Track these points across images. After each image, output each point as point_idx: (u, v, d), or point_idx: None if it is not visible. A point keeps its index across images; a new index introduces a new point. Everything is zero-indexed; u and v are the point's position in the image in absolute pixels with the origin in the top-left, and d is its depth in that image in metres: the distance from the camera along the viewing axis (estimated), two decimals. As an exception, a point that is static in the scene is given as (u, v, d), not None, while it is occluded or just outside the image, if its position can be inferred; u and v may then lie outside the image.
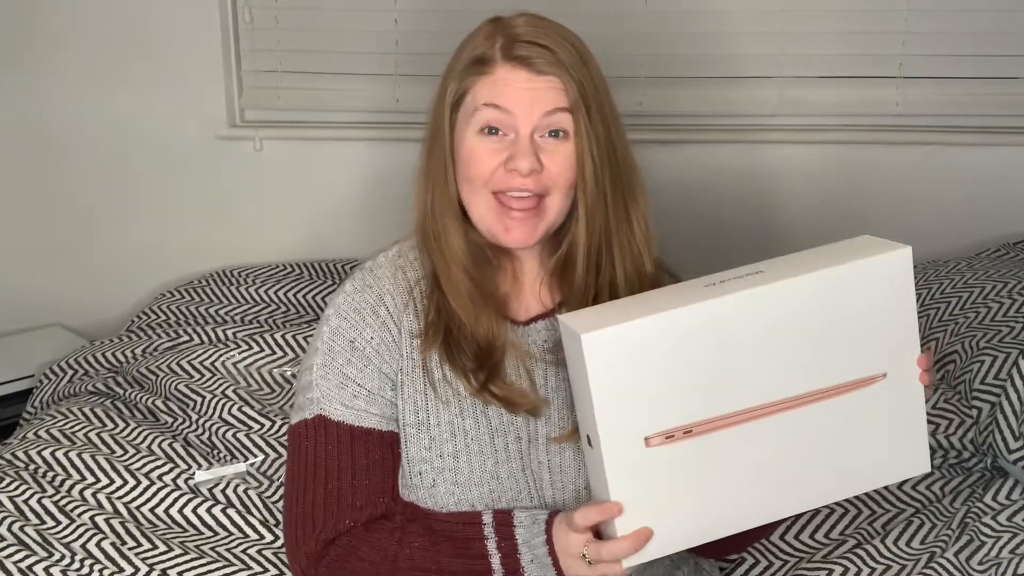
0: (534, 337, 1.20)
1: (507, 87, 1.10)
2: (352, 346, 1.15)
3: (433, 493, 1.14)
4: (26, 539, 1.35)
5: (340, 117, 2.23)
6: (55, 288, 2.31)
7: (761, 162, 2.17)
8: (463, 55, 1.15)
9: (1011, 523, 1.42)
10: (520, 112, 1.10)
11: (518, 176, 1.10)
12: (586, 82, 1.12)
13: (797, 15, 2.08)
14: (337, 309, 1.17)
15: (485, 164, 1.11)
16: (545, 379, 1.18)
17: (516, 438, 1.16)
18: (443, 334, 1.15)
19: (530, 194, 1.11)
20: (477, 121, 1.11)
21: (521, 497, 1.15)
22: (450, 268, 1.15)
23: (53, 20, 2.16)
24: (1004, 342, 1.66)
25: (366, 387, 1.15)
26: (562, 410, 1.18)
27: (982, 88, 2.11)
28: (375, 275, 1.19)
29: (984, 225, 2.15)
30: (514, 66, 1.10)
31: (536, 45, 1.10)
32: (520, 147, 1.10)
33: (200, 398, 1.71)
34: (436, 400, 1.15)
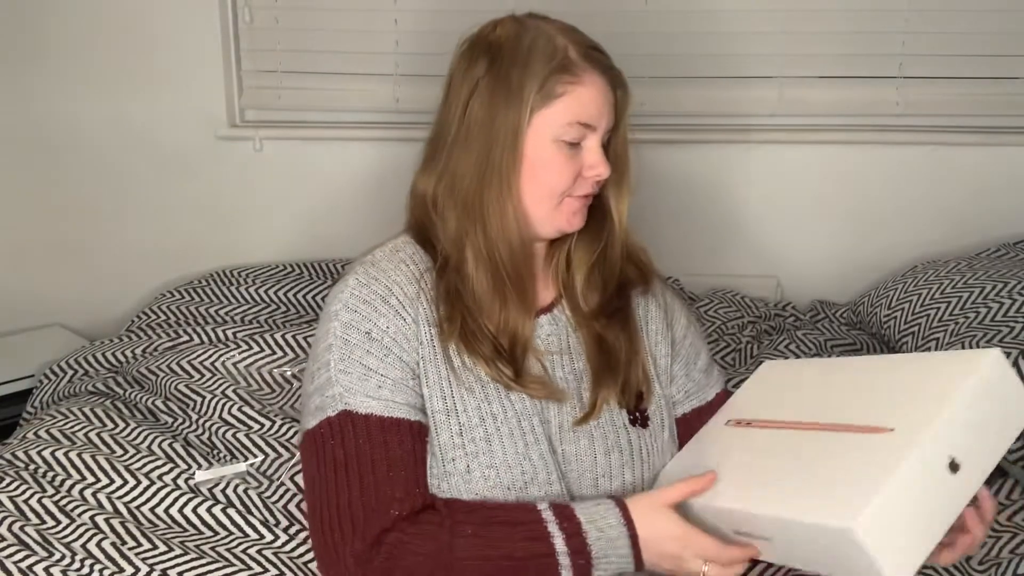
0: (539, 331, 1.22)
1: (594, 99, 1.15)
2: (369, 337, 1.13)
3: (468, 479, 1.11)
4: (26, 539, 1.35)
5: (340, 117, 2.23)
6: (55, 288, 2.32)
7: (761, 162, 2.17)
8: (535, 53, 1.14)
9: (1011, 523, 1.42)
10: (601, 126, 1.16)
11: (594, 181, 1.17)
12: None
13: (797, 15, 2.08)
14: (345, 304, 1.14)
15: (565, 174, 1.15)
16: (553, 371, 1.20)
17: (541, 420, 1.17)
18: (459, 327, 1.15)
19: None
20: (564, 132, 1.14)
21: (552, 479, 1.15)
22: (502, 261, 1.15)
23: (53, 20, 2.16)
24: (1004, 342, 1.66)
25: (389, 376, 1.12)
26: (572, 401, 1.20)
27: (982, 88, 2.11)
28: (379, 268, 1.18)
29: (984, 225, 2.15)
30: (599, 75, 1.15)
31: (604, 53, 1.18)
32: (600, 157, 1.16)
33: (200, 398, 1.71)
34: (460, 387, 1.14)
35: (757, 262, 2.21)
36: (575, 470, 1.17)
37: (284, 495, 1.48)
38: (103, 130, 2.22)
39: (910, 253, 2.16)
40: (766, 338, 1.98)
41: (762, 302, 2.15)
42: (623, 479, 1.19)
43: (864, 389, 1.08)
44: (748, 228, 2.20)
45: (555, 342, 1.22)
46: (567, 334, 1.23)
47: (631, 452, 1.20)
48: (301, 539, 1.40)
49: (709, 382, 1.31)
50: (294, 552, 1.38)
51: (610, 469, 1.18)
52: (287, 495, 1.48)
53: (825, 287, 2.22)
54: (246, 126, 2.24)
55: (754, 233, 2.20)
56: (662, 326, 1.28)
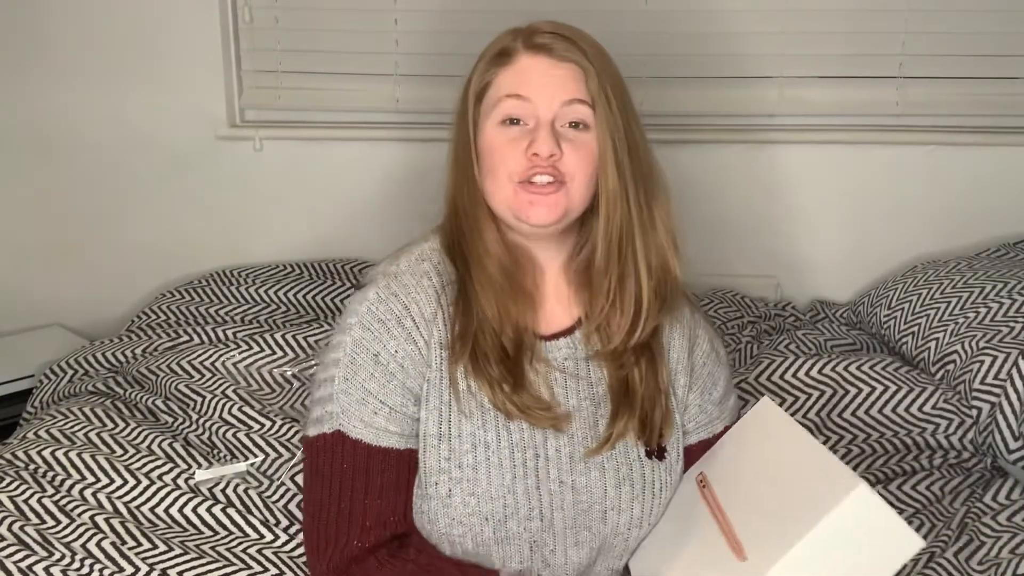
0: (555, 353, 1.19)
1: (528, 74, 1.12)
2: (376, 360, 1.13)
3: (448, 503, 1.13)
4: (26, 539, 1.35)
5: (340, 117, 2.23)
6: (55, 288, 2.31)
7: (761, 162, 2.17)
8: (487, 52, 1.17)
9: (1011, 523, 1.42)
10: (540, 100, 1.11)
11: (539, 161, 1.10)
12: (606, 74, 1.13)
13: (797, 15, 2.08)
14: (360, 319, 1.14)
15: (507, 153, 1.11)
16: (567, 396, 1.18)
17: (534, 455, 1.15)
18: (470, 345, 1.13)
19: (551, 180, 1.11)
20: (499, 112, 1.12)
21: (533, 515, 1.14)
22: (484, 262, 1.15)
23: (53, 20, 2.16)
24: (1004, 342, 1.66)
25: (387, 403, 1.14)
26: (585, 429, 1.17)
27: (982, 88, 2.11)
28: (400, 282, 1.16)
29: (984, 225, 2.15)
30: (535, 53, 1.12)
31: (557, 35, 1.13)
32: (540, 133, 1.10)
33: (200, 398, 1.71)
34: (459, 412, 1.14)
35: (757, 262, 2.21)
36: (584, 501, 1.16)
37: (284, 495, 1.48)
38: (103, 130, 2.22)
39: (910, 253, 2.16)
40: (766, 338, 1.98)
41: (762, 302, 2.15)
42: (631, 513, 1.18)
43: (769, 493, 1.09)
44: (748, 228, 2.20)
45: (571, 366, 1.19)
46: (587, 358, 1.20)
47: (643, 485, 1.18)
48: (301, 538, 1.40)
49: (721, 414, 1.27)
50: (294, 552, 1.38)
51: (619, 502, 1.17)
52: (287, 495, 1.48)
53: (825, 287, 2.22)
54: (246, 126, 2.24)
55: (754, 233, 2.20)
56: (683, 355, 1.24)
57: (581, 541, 1.17)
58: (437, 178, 1.25)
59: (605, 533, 1.17)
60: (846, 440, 1.62)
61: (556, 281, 1.21)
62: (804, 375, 1.68)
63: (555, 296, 1.21)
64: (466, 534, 1.13)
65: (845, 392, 1.65)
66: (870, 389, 1.65)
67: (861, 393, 1.65)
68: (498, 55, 1.15)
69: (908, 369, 1.71)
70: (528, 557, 1.16)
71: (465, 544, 1.14)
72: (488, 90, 1.15)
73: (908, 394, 1.64)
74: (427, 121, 2.17)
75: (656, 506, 1.19)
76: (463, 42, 2.16)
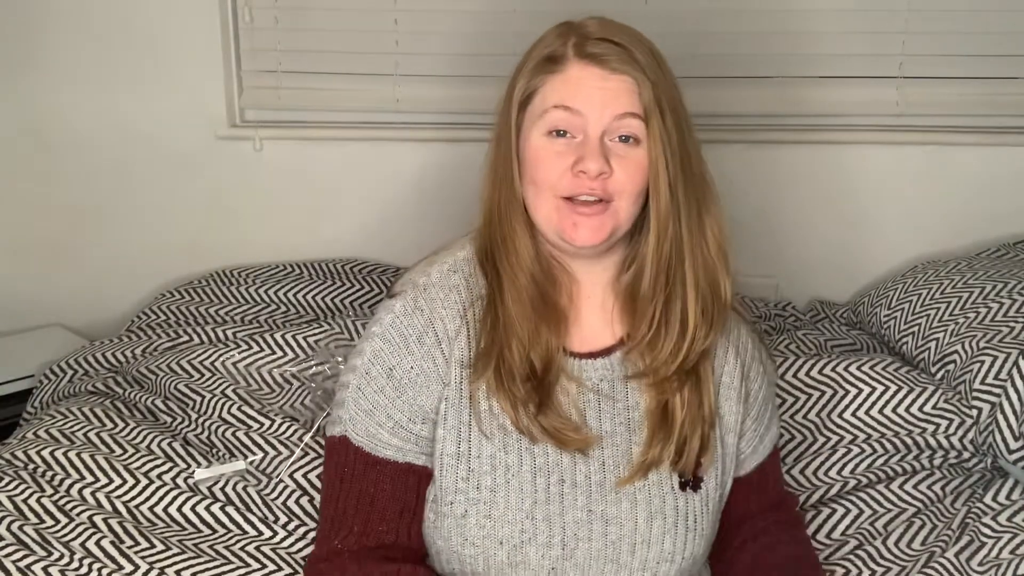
0: (589, 373, 1.14)
1: (579, 86, 1.06)
2: (389, 374, 1.13)
3: (462, 524, 1.11)
4: (25, 538, 1.35)
5: (340, 117, 2.23)
6: (55, 288, 2.31)
7: (761, 162, 2.17)
8: (533, 53, 1.11)
9: (1011, 523, 1.42)
10: (591, 113, 1.05)
11: (586, 179, 1.05)
12: (661, 84, 1.07)
13: (797, 15, 2.08)
14: (384, 330, 1.14)
15: (552, 167, 1.06)
16: (599, 419, 1.14)
17: (559, 480, 1.11)
18: (494, 362, 1.10)
19: (596, 199, 1.06)
20: (545, 123, 1.07)
21: (554, 543, 1.11)
22: (516, 273, 1.11)
23: (53, 20, 2.16)
24: (1004, 342, 1.66)
25: (394, 418, 1.13)
26: (617, 456, 1.13)
27: (982, 88, 2.10)
28: (428, 296, 1.14)
29: (984, 225, 2.14)
30: (587, 63, 1.06)
31: (610, 43, 1.07)
32: (589, 149, 1.05)
33: (200, 398, 1.71)
34: (480, 433, 1.11)
35: (757, 262, 2.21)
36: (614, 532, 1.12)
37: (283, 492, 1.48)
38: (103, 130, 2.22)
39: (910, 253, 2.16)
40: (766, 338, 1.98)
41: (762, 302, 2.15)
42: (662, 547, 1.14)
43: None
44: (748, 228, 2.20)
45: (607, 387, 1.14)
46: (625, 378, 1.15)
47: (676, 519, 1.14)
48: (300, 534, 1.41)
49: (770, 434, 1.26)
50: (293, 548, 1.39)
51: (650, 536, 1.13)
52: (286, 491, 1.48)
53: (825, 287, 2.22)
54: (246, 126, 2.24)
55: (754, 233, 2.20)
56: (735, 379, 1.19)
57: (606, 573, 1.13)
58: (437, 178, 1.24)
59: (632, 567, 1.13)
60: (846, 440, 1.62)
61: (601, 297, 1.16)
62: (804, 375, 1.68)
63: (598, 313, 1.16)
64: (478, 556, 1.11)
65: (845, 392, 1.65)
66: (870, 389, 1.65)
67: (861, 393, 1.65)
68: (547, 60, 1.08)
69: (908, 369, 1.71)
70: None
71: (476, 565, 1.12)
72: (535, 97, 1.09)
73: (908, 394, 1.64)
74: (427, 121, 2.17)
75: (689, 541, 1.15)
76: (463, 42, 2.18)
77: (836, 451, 1.61)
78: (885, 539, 1.42)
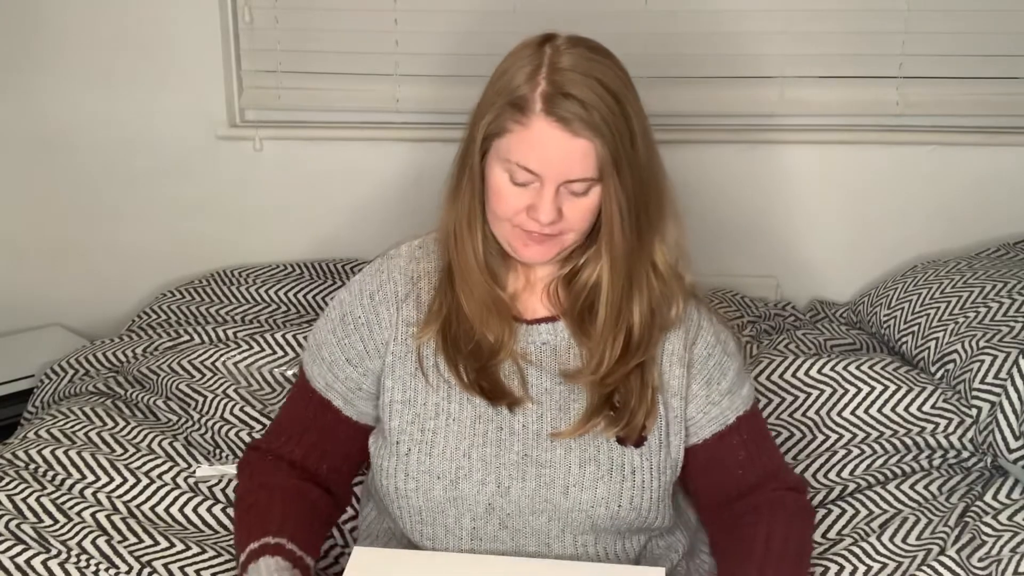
0: (534, 337, 1.25)
1: (543, 147, 1.11)
2: (343, 318, 1.28)
3: (406, 461, 1.21)
4: (23, 536, 1.35)
5: (340, 117, 2.23)
6: (55, 288, 2.31)
7: (761, 162, 2.17)
8: (503, 81, 1.14)
9: (1011, 522, 1.42)
10: (549, 173, 1.12)
11: (537, 223, 1.14)
12: (622, 141, 1.12)
13: (797, 15, 2.08)
14: (351, 284, 1.31)
15: (509, 205, 1.15)
16: (540, 378, 1.24)
17: (498, 428, 1.21)
18: (441, 325, 1.23)
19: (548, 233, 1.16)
20: (507, 170, 1.14)
21: (488, 481, 1.20)
22: (467, 269, 1.21)
23: (53, 20, 2.16)
24: (1004, 342, 1.66)
25: (333, 354, 1.28)
26: (554, 411, 1.22)
27: (982, 88, 2.10)
28: (390, 262, 1.29)
29: (984, 225, 2.14)
30: (552, 123, 1.10)
31: (576, 101, 1.10)
32: (543, 200, 1.13)
33: (201, 398, 1.71)
34: (426, 384, 1.22)
35: (757, 262, 2.21)
36: (547, 475, 1.20)
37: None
38: (103, 130, 2.22)
39: (910, 253, 2.16)
40: (766, 338, 1.98)
41: (762, 302, 2.15)
42: (595, 491, 1.20)
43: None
44: (748, 228, 2.20)
45: (548, 352, 1.25)
46: (568, 347, 1.25)
47: (610, 467, 1.21)
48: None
49: (732, 404, 1.28)
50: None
51: (583, 479, 1.20)
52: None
53: (825, 287, 2.22)
54: (246, 126, 2.24)
55: (754, 233, 2.20)
56: (678, 347, 1.26)
57: (538, 510, 1.20)
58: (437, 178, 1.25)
59: (567, 507, 1.20)
60: (846, 439, 1.62)
61: (547, 274, 1.26)
62: (804, 375, 1.68)
63: (543, 285, 1.27)
64: (417, 489, 1.21)
65: (845, 392, 1.65)
66: (870, 389, 1.65)
67: (861, 393, 1.65)
68: (514, 105, 1.12)
69: (908, 369, 1.71)
70: (483, 517, 1.21)
71: (415, 501, 1.21)
72: (500, 137, 1.14)
73: (908, 393, 1.64)
74: (427, 121, 2.17)
75: (626, 490, 1.21)
76: (464, 42, 2.18)
77: (835, 451, 1.61)
78: (880, 535, 1.42)
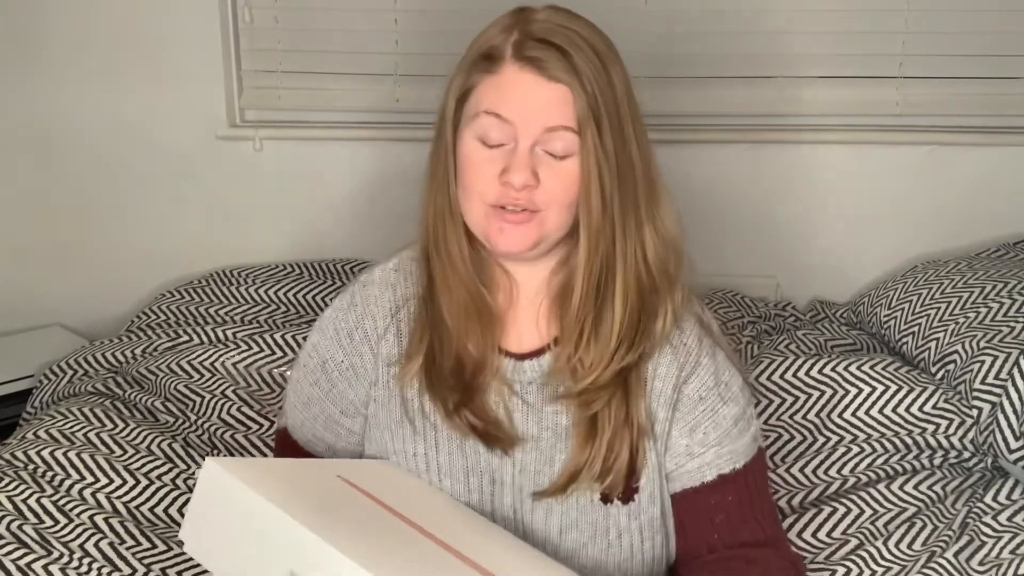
0: (521, 376, 1.11)
1: (512, 92, 1.01)
2: (323, 367, 1.15)
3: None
4: (24, 538, 1.35)
5: (340, 117, 2.23)
6: (55, 288, 2.31)
7: (760, 162, 2.17)
8: (476, 44, 1.07)
9: (1012, 523, 1.42)
10: (521, 123, 1.01)
11: (511, 189, 1.02)
12: (602, 93, 1.01)
13: (797, 15, 2.08)
14: (322, 324, 1.17)
15: (480, 174, 1.03)
16: (526, 422, 1.10)
17: (491, 480, 1.10)
18: (424, 358, 1.09)
19: (523, 209, 1.03)
20: (476, 128, 1.03)
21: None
22: (448, 276, 1.09)
23: (53, 20, 2.16)
24: (1005, 342, 1.66)
25: (326, 411, 1.16)
26: (539, 462, 1.09)
27: (982, 88, 2.10)
28: (364, 293, 1.15)
29: (984, 225, 2.14)
30: (523, 67, 1.01)
31: (551, 46, 1.01)
32: (516, 160, 1.01)
33: (200, 398, 1.71)
34: (413, 432, 1.11)
35: (757, 262, 2.21)
36: (533, 538, 1.09)
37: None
38: (103, 130, 2.22)
39: (910, 253, 2.16)
40: (766, 338, 1.98)
41: (762, 302, 2.15)
42: (579, 559, 1.09)
43: None
44: (748, 228, 2.20)
45: (534, 391, 1.10)
46: (555, 384, 1.10)
47: (593, 532, 1.09)
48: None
49: (716, 460, 1.11)
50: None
51: (560, 548, 1.09)
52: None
53: (825, 287, 2.22)
54: (246, 126, 2.24)
55: (754, 233, 2.20)
56: (668, 385, 1.10)
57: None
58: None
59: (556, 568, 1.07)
60: (846, 440, 1.62)
61: (532, 294, 1.13)
62: (804, 375, 1.68)
63: (531, 308, 1.13)
64: None
65: (845, 392, 1.65)
66: (870, 389, 1.65)
67: (861, 393, 1.65)
68: (484, 57, 1.04)
69: (908, 369, 1.71)
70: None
71: None
72: (470, 96, 1.05)
73: (908, 394, 1.64)
74: (427, 121, 2.13)
75: (613, 556, 1.09)
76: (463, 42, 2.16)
77: (836, 450, 1.61)
78: (886, 540, 1.41)
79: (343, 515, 0.95)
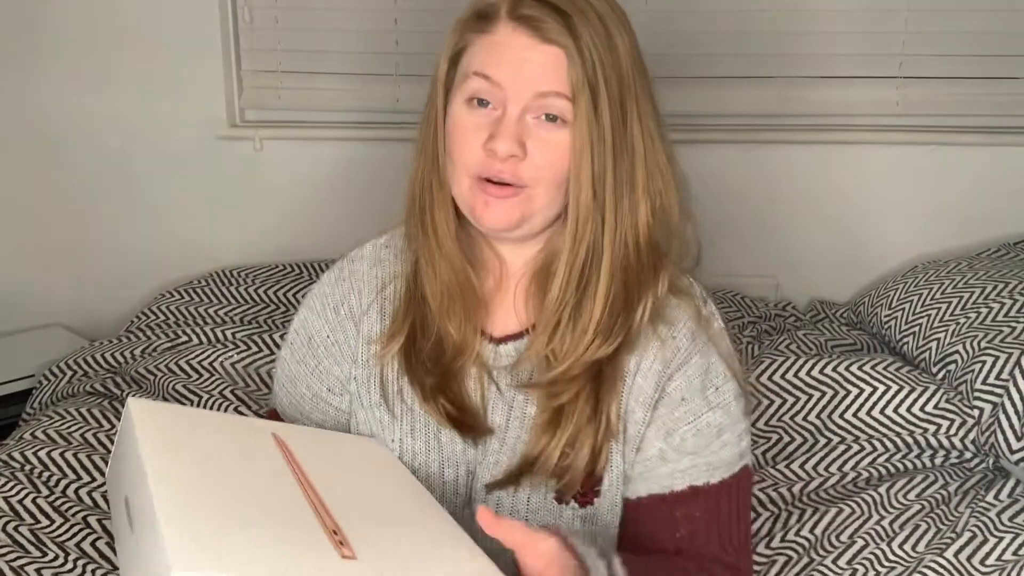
0: (501, 361, 1.04)
1: (503, 53, 0.94)
2: (309, 342, 1.11)
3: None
4: (19, 539, 1.34)
5: (340, 117, 2.23)
6: (55, 288, 2.31)
7: (761, 162, 2.17)
8: (468, 9, 1.00)
9: (1013, 523, 1.42)
10: (511, 87, 0.93)
11: (496, 160, 0.94)
12: (602, 61, 0.93)
13: (797, 15, 2.08)
14: (310, 298, 1.13)
15: (466, 141, 0.95)
16: (495, 412, 1.03)
17: (467, 471, 1.04)
18: (405, 339, 1.03)
19: (507, 183, 0.95)
20: (465, 90, 0.96)
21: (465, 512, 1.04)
22: (433, 253, 1.02)
23: (53, 19, 2.16)
24: (1005, 342, 1.66)
25: (313, 388, 1.11)
26: (506, 456, 1.01)
27: (982, 88, 2.10)
28: (352, 268, 1.11)
29: (984, 225, 2.14)
30: (517, 27, 0.93)
31: (549, 5, 0.93)
32: (503, 127, 0.93)
33: (198, 398, 1.70)
34: (390, 417, 1.05)
35: (757, 262, 2.21)
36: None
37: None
38: (103, 130, 2.22)
39: (910, 253, 2.16)
40: (766, 338, 1.98)
41: (762, 302, 2.15)
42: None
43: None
44: (748, 228, 2.20)
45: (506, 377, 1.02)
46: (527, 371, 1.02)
47: None
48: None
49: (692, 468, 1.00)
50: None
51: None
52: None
53: (825, 287, 2.22)
54: (246, 126, 2.24)
55: (754, 233, 2.20)
56: (649, 382, 1.00)
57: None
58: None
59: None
60: (847, 440, 1.62)
61: (518, 275, 1.05)
62: (804, 375, 1.68)
63: (515, 288, 1.05)
64: None
65: (846, 392, 1.65)
66: (871, 389, 1.65)
67: (862, 393, 1.65)
68: (478, 16, 0.96)
69: (909, 369, 1.71)
70: None
71: None
72: (462, 57, 0.97)
73: (909, 394, 1.64)
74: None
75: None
76: (463, 42, 2.18)
77: (836, 450, 1.60)
78: (891, 541, 1.41)
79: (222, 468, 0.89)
